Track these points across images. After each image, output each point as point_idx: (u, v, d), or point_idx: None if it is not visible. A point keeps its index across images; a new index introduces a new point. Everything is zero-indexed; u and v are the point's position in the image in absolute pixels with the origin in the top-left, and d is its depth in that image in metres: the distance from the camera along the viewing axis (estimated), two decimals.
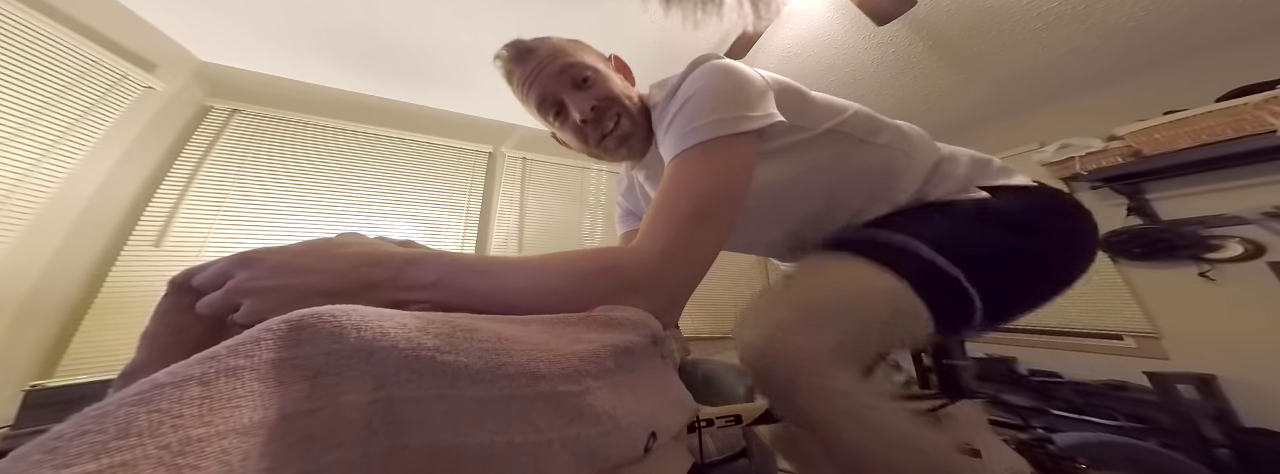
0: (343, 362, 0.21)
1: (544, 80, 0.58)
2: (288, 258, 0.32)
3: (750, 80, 0.51)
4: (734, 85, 0.49)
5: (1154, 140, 1.72)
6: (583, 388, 0.26)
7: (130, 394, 0.16)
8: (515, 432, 0.23)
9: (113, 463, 0.14)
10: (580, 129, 0.61)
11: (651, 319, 0.35)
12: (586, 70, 0.59)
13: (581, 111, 0.58)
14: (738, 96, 0.48)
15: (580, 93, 0.59)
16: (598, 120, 0.60)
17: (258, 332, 0.20)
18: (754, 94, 0.49)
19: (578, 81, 0.59)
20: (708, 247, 0.40)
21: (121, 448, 0.15)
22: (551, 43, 0.60)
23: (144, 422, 0.16)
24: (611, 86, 0.60)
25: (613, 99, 0.60)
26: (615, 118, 0.60)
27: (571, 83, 0.59)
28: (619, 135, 0.61)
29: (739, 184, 0.44)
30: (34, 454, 0.14)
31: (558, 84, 0.59)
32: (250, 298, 0.30)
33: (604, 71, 0.61)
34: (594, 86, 0.59)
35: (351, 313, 0.23)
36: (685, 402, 0.35)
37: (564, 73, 0.58)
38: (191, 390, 0.17)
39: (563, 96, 0.59)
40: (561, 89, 0.59)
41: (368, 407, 0.20)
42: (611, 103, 0.60)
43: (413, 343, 0.23)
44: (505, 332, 0.27)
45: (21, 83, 1.32)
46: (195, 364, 0.18)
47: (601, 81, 0.60)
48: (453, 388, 0.22)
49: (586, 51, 0.62)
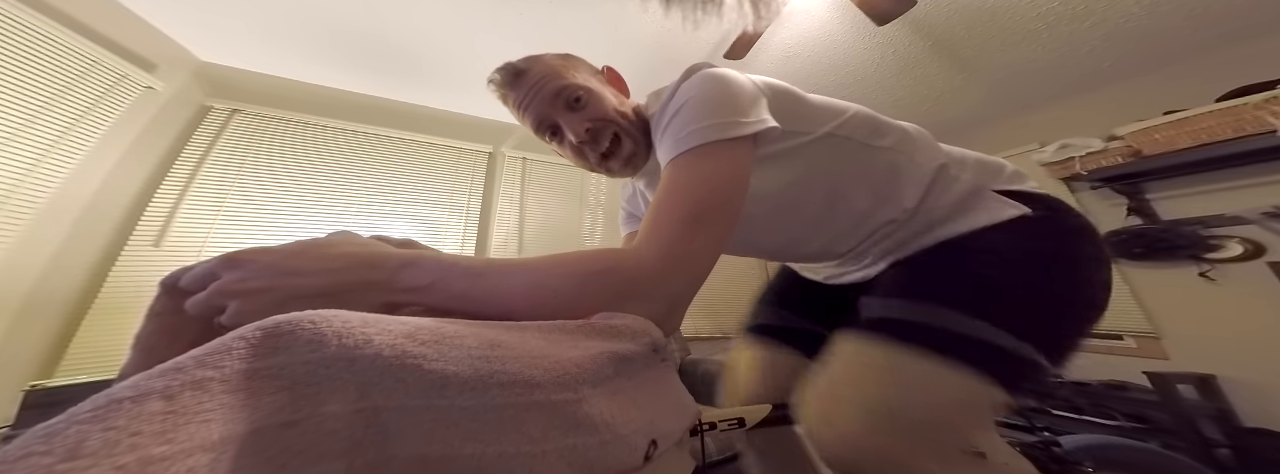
0: (322, 370, 0.20)
1: (538, 104, 0.59)
2: (278, 258, 0.31)
3: (742, 87, 0.51)
4: (726, 92, 0.49)
5: (1154, 140, 1.72)
6: (579, 396, 0.25)
7: (84, 410, 0.15)
8: (508, 442, 0.22)
9: None
10: (578, 149, 0.62)
11: (652, 327, 0.34)
12: (578, 91, 0.59)
13: (576, 134, 0.59)
14: (729, 103, 0.48)
15: (574, 114, 0.59)
16: (593, 141, 0.60)
17: (229, 340, 0.19)
18: (746, 100, 0.50)
19: (570, 103, 0.59)
20: (706, 251, 0.40)
21: (70, 471, 0.14)
22: (543, 63, 0.60)
23: (97, 441, 0.14)
24: (604, 106, 0.60)
25: (606, 119, 0.60)
26: (613, 137, 0.61)
27: (565, 105, 0.59)
28: (622, 157, 0.62)
29: (734, 188, 0.44)
30: None
31: (552, 107, 0.59)
32: (236, 299, 0.30)
33: (597, 90, 0.61)
34: (587, 107, 0.59)
35: (332, 318, 0.22)
36: (687, 406, 0.35)
37: (558, 96, 0.58)
38: (153, 405, 0.16)
39: (557, 119, 0.60)
40: (555, 112, 0.59)
41: (351, 417, 0.19)
42: (606, 123, 0.60)
43: (398, 350, 0.22)
44: (498, 338, 0.26)
45: (21, 83, 1.32)
46: (158, 376, 0.17)
47: (594, 101, 0.60)
48: (441, 397, 0.21)
49: (578, 69, 0.63)
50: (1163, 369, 1.66)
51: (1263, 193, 1.62)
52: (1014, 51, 1.90)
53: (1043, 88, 2.20)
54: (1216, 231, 1.71)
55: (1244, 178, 1.65)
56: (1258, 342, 1.58)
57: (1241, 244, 1.65)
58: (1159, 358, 1.79)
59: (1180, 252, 1.76)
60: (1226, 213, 1.69)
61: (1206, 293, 1.72)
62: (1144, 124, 1.75)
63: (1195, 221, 1.75)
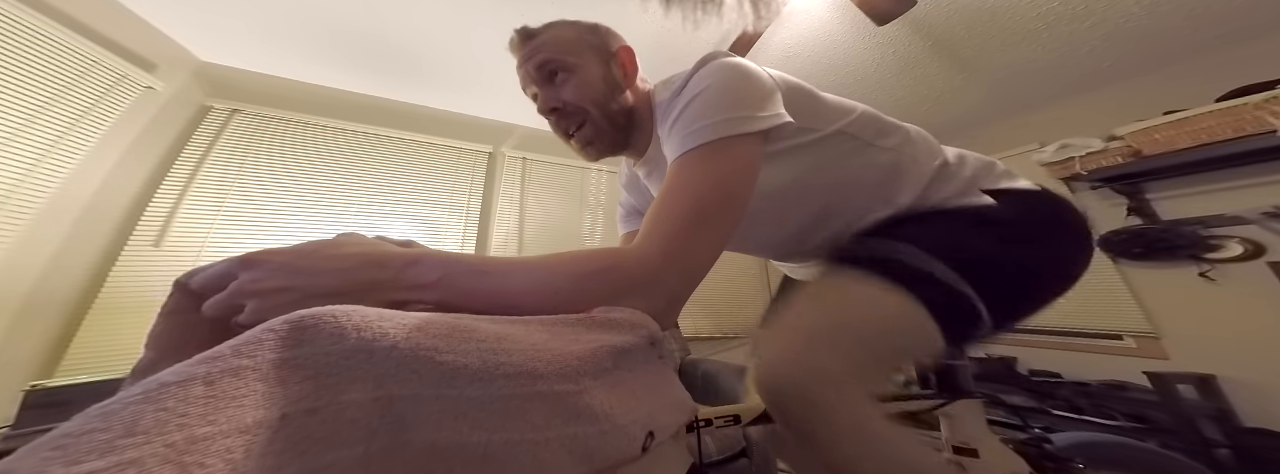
0: (343, 361, 0.21)
1: (527, 70, 0.61)
2: (291, 259, 0.32)
3: (759, 79, 0.50)
4: (742, 84, 0.48)
5: (1154, 140, 1.72)
6: (580, 387, 0.26)
7: (136, 393, 0.17)
8: (513, 430, 0.23)
9: (120, 460, 0.15)
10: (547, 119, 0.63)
11: (649, 320, 0.35)
12: (559, 66, 0.59)
13: (542, 109, 0.61)
14: (745, 96, 0.47)
15: (550, 88, 0.60)
16: (558, 123, 0.62)
17: (260, 332, 0.21)
18: (762, 94, 0.48)
19: (549, 76, 0.60)
20: (708, 249, 0.40)
21: (128, 446, 0.15)
22: (553, 31, 0.61)
23: (150, 420, 0.16)
24: (583, 91, 0.59)
25: (578, 106, 0.60)
26: (578, 123, 0.61)
27: (546, 77, 0.60)
28: (581, 139, 0.62)
29: (742, 186, 0.44)
30: (42, 451, 0.14)
31: (535, 77, 0.61)
32: (254, 299, 0.30)
33: (584, 69, 0.60)
34: (563, 86, 0.60)
35: (352, 313, 0.23)
36: (684, 401, 0.35)
37: (542, 67, 0.60)
38: (196, 389, 0.17)
39: (537, 89, 0.62)
40: (538, 82, 0.61)
41: (369, 405, 0.21)
42: (577, 110, 0.60)
43: (412, 343, 0.23)
44: (504, 332, 0.27)
45: (21, 83, 1.32)
46: (199, 364, 0.18)
47: (575, 83, 0.59)
48: (451, 387, 0.22)
49: (582, 43, 0.62)
50: (1163, 369, 1.67)
51: (1263, 193, 1.62)
52: (1014, 51, 1.90)
53: (1043, 88, 2.20)
54: (1216, 231, 1.71)
55: (1244, 178, 1.65)
56: (1258, 342, 1.59)
57: (1241, 244, 1.65)
58: (1159, 358, 1.79)
59: (1180, 251, 1.76)
60: (1226, 213, 1.69)
61: (1206, 293, 1.72)
62: (1144, 124, 1.75)
63: (1195, 221, 1.75)
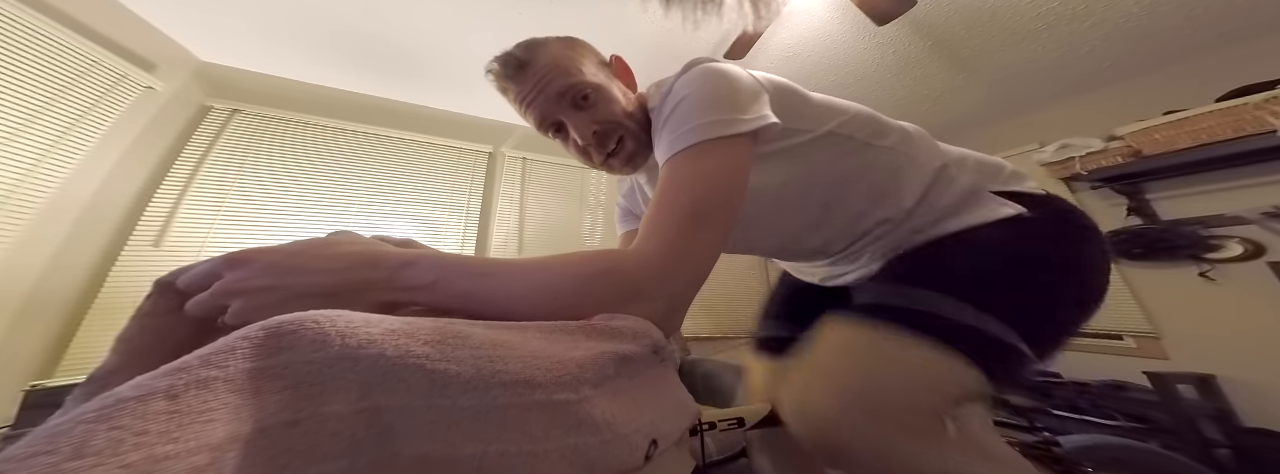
0: (326, 370, 0.20)
1: (542, 102, 0.56)
2: (280, 258, 0.31)
3: (742, 82, 0.50)
4: (725, 88, 0.48)
5: (1154, 140, 1.72)
6: (580, 396, 0.25)
7: (89, 410, 0.15)
8: (510, 442, 0.22)
9: None
10: (583, 150, 0.60)
11: (653, 328, 0.34)
12: (587, 89, 0.56)
13: (583, 136, 0.57)
14: (729, 99, 0.47)
15: (581, 113, 0.57)
16: (600, 143, 0.58)
17: (233, 339, 0.19)
18: (746, 97, 0.49)
19: (577, 101, 0.57)
20: (707, 249, 0.40)
21: (76, 469, 0.13)
22: (547, 53, 0.56)
23: (103, 440, 0.14)
24: (613, 107, 0.58)
25: (614, 122, 0.58)
26: (618, 140, 0.59)
27: (572, 104, 0.57)
28: (624, 156, 0.60)
29: (734, 186, 0.44)
30: None
31: (557, 106, 0.56)
32: (240, 298, 0.30)
33: (605, 87, 0.58)
34: (595, 107, 0.57)
35: (336, 318, 0.22)
36: (687, 405, 0.35)
37: (564, 95, 0.56)
38: (157, 405, 0.16)
39: (562, 118, 0.58)
40: (561, 110, 0.57)
41: (353, 417, 0.19)
42: (614, 126, 0.58)
43: (401, 350, 0.22)
44: (499, 338, 0.26)
45: (21, 83, 1.32)
46: (163, 376, 0.17)
47: (603, 100, 0.57)
48: (443, 397, 0.21)
49: (585, 59, 0.60)
50: (1163, 369, 1.66)
51: (1263, 193, 1.62)
52: (1014, 51, 1.90)
53: (1043, 88, 2.20)
54: (1216, 231, 1.71)
55: (1244, 178, 1.65)
56: (1258, 342, 1.58)
57: (1241, 244, 1.65)
58: (1159, 358, 1.79)
59: (1180, 251, 1.76)
60: (1226, 213, 1.69)
61: (1206, 293, 1.72)
62: (1144, 124, 1.75)
63: (1195, 221, 1.75)
